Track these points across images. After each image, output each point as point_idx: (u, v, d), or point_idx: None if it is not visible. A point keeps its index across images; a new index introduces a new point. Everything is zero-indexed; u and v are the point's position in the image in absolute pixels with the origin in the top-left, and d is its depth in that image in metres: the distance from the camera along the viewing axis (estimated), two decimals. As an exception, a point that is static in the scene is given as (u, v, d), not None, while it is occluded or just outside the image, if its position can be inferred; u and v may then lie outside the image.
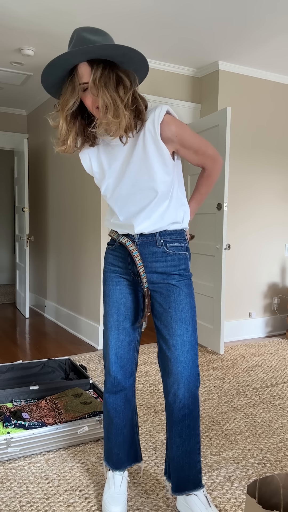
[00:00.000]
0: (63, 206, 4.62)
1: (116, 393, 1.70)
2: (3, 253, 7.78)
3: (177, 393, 1.58)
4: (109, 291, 1.69)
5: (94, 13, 2.99)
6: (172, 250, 1.60)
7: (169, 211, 1.58)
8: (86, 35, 1.41)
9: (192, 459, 1.62)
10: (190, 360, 1.58)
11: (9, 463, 2.04)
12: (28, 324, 4.81)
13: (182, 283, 1.60)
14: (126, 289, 1.67)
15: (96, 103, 1.42)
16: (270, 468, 2.04)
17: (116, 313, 1.67)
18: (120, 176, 1.57)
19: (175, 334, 1.58)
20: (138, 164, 1.52)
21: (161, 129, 1.48)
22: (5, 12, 2.99)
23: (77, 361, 3.46)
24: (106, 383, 1.72)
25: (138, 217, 1.57)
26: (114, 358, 1.68)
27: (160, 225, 1.57)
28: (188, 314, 1.59)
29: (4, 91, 4.79)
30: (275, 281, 4.40)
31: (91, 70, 1.39)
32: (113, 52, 1.37)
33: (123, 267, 1.66)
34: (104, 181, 1.61)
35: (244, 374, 3.26)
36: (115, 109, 1.39)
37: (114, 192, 1.60)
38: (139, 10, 2.95)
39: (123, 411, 1.72)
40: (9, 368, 2.85)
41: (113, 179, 1.59)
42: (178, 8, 2.92)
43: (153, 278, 1.61)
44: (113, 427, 1.73)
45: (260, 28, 3.19)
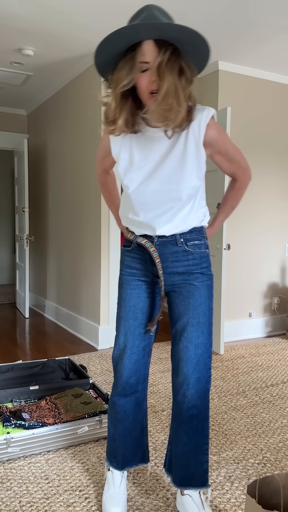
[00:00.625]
0: (63, 206, 4.62)
1: (126, 396, 1.67)
2: (3, 253, 7.78)
3: (186, 393, 1.58)
4: (126, 295, 1.63)
5: (94, 13, 2.99)
6: (193, 248, 1.57)
7: (191, 215, 1.54)
8: (157, 14, 1.32)
9: (198, 458, 1.63)
10: (203, 362, 1.57)
11: (9, 463, 2.04)
12: (28, 324, 4.81)
13: (203, 285, 1.57)
14: (143, 292, 1.62)
15: (151, 86, 1.34)
16: (270, 468, 2.04)
17: (132, 318, 1.62)
18: (151, 172, 1.49)
19: (190, 337, 1.56)
20: (174, 163, 1.47)
21: (204, 132, 1.46)
22: (5, 12, 2.99)
23: (77, 361, 3.46)
24: (116, 386, 1.68)
25: (160, 218, 1.52)
26: (128, 364, 1.63)
27: (181, 229, 1.54)
28: (205, 317, 1.58)
29: (4, 91, 4.79)
30: (275, 281, 4.40)
31: (159, 51, 1.30)
32: (185, 36, 1.27)
33: (141, 269, 1.61)
34: (130, 172, 1.52)
35: (244, 374, 3.26)
36: (177, 97, 1.31)
37: (140, 186, 1.51)
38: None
39: (133, 414, 1.69)
40: (9, 368, 2.85)
41: (142, 173, 1.50)
42: (178, 8, 2.92)
43: (174, 279, 1.57)
44: (122, 428, 1.70)
45: (260, 28, 3.19)
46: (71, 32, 3.29)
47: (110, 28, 3.22)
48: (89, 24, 3.17)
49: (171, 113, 1.33)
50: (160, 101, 1.31)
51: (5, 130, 5.52)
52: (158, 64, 1.30)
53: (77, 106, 4.17)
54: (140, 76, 1.34)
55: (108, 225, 3.81)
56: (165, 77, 1.30)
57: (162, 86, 1.30)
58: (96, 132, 3.80)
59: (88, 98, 3.92)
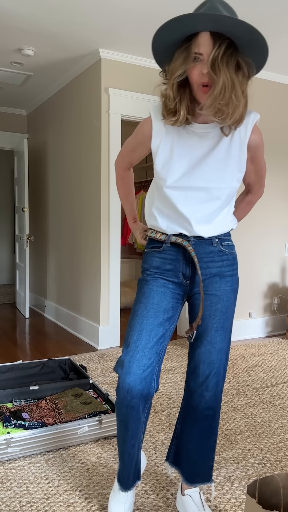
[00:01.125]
0: (63, 206, 4.62)
1: (127, 407, 1.48)
2: (3, 253, 7.78)
3: (204, 394, 1.58)
4: (150, 291, 1.51)
5: (94, 13, 2.99)
6: (227, 249, 1.55)
7: (228, 216, 1.53)
8: (219, 7, 1.29)
9: (207, 456, 1.64)
10: (222, 366, 1.58)
11: (9, 463, 2.04)
12: (28, 324, 4.81)
13: (233, 289, 1.56)
14: (169, 292, 1.53)
15: (202, 79, 1.32)
16: (270, 468, 2.04)
17: (152, 316, 1.49)
18: (191, 168, 1.45)
19: (214, 341, 1.55)
20: (217, 162, 1.45)
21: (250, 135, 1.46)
22: (5, 12, 2.99)
23: (77, 361, 3.46)
24: (119, 391, 1.49)
25: (198, 217, 1.48)
26: (136, 369, 1.45)
27: (220, 231, 1.52)
28: (229, 322, 1.57)
29: (4, 91, 4.79)
30: (275, 281, 4.40)
31: (214, 44, 1.28)
32: (242, 31, 1.25)
33: (172, 270, 1.53)
34: (169, 166, 1.47)
35: (244, 374, 3.26)
36: (235, 91, 1.30)
37: (177, 181, 1.46)
38: (139, 10, 2.95)
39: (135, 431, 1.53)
40: (9, 368, 2.85)
41: (182, 168, 1.46)
42: (178, 8, 2.92)
43: (205, 280, 1.54)
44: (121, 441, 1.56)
45: (261, 28, 3.19)
46: (71, 32, 3.29)
47: (110, 28, 3.22)
48: (89, 24, 3.17)
49: (229, 107, 1.31)
50: (217, 95, 1.29)
51: (5, 130, 5.52)
52: (213, 57, 1.28)
53: (77, 106, 4.17)
54: (192, 66, 1.32)
55: (108, 225, 3.81)
56: (220, 71, 1.28)
57: (218, 80, 1.28)
58: (96, 132, 3.80)
59: (88, 98, 3.92)
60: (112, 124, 3.71)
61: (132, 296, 5.75)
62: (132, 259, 6.57)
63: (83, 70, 3.98)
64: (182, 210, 1.48)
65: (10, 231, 7.81)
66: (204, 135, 1.45)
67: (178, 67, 1.33)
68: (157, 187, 1.53)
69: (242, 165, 1.48)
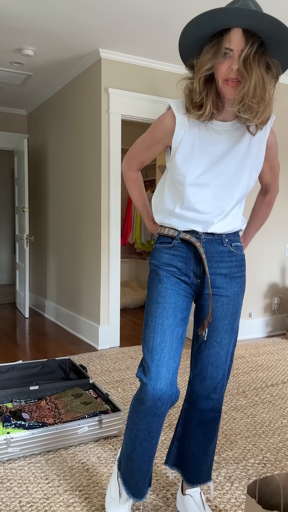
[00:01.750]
0: (63, 206, 4.62)
1: (155, 415, 1.43)
2: (3, 253, 7.78)
3: (211, 396, 1.57)
4: (166, 290, 1.48)
5: (95, 13, 2.99)
6: (236, 250, 1.55)
7: (238, 215, 1.55)
8: (251, 5, 1.29)
9: (209, 456, 1.65)
10: (228, 368, 1.58)
11: (9, 463, 2.04)
12: (28, 324, 4.81)
13: (241, 290, 1.56)
14: (183, 291, 1.51)
15: (229, 74, 1.31)
16: (270, 468, 2.04)
17: (172, 316, 1.45)
18: (211, 165, 1.45)
19: (223, 343, 1.54)
20: (236, 160, 1.45)
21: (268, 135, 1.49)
22: (5, 12, 2.99)
23: (77, 361, 3.46)
24: (145, 401, 1.42)
25: (214, 214, 1.48)
26: (166, 373, 1.40)
27: (231, 228, 1.53)
28: (238, 323, 1.57)
29: (4, 91, 4.79)
30: (275, 281, 4.40)
31: (246, 42, 1.27)
32: (274, 29, 1.24)
33: (182, 268, 1.51)
34: (190, 162, 1.45)
35: (244, 374, 3.26)
36: (266, 90, 1.30)
37: (198, 178, 1.45)
38: (139, 9, 2.95)
39: (155, 436, 1.47)
40: (9, 368, 2.85)
41: (203, 164, 1.45)
42: (178, 8, 2.92)
43: (216, 281, 1.52)
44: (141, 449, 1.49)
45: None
46: (71, 32, 3.29)
47: (110, 28, 3.22)
48: (89, 24, 3.17)
49: (260, 105, 1.31)
50: (247, 93, 1.29)
51: (5, 130, 5.52)
52: (246, 55, 1.28)
53: (77, 106, 4.17)
54: (221, 61, 1.31)
55: (108, 225, 3.81)
56: (252, 69, 1.28)
57: (250, 79, 1.28)
58: (96, 132, 3.80)
59: (88, 98, 3.92)
60: (112, 124, 3.71)
61: (132, 296, 5.74)
62: (132, 259, 6.56)
63: (83, 70, 3.98)
64: (198, 207, 1.47)
65: (10, 231, 7.81)
66: (223, 133, 1.44)
67: (208, 61, 1.32)
68: (173, 183, 1.50)
69: (260, 165, 1.50)
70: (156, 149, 1.55)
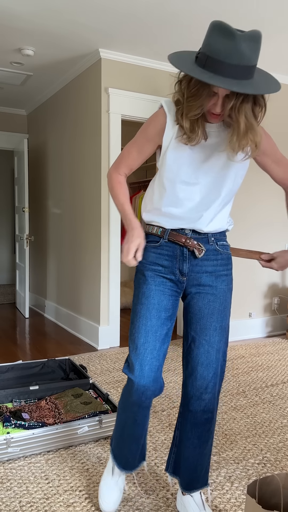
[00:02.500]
0: (63, 206, 4.62)
1: (140, 407, 1.57)
2: (3, 253, 7.78)
3: (203, 397, 1.56)
4: (150, 291, 1.53)
5: (94, 13, 2.99)
6: (222, 249, 1.57)
7: (225, 214, 1.57)
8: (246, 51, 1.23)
9: (205, 460, 1.64)
10: (220, 367, 1.57)
11: (9, 463, 2.04)
12: (28, 324, 4.81)
13: (229, 288, 1.58)
14: (168, 290, 1.54)
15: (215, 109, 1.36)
16: (270, 468, 2.04)
17: (155, 317, 1.52)
18: (201, 164, 1.48)
19: (212, 341, 1.54)
20: (223, 160, 1.48)
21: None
22: (5, 12, 2.99)
23: (77, 361, 3.46)
24: (131, 394, 1.55)
25: (201, 214, 1.51)
26: (148, 371, 1.51)
27: (218, 227, 1.55)
28: (227, 321, 1.58)
29: (4, 91, 4.79)
30: (275, 281, 4.40)
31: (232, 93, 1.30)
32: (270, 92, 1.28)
33: (168, 266, 1.54)
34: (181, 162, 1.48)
35: (244, 374, 3.26)
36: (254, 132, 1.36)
37: (188, 176, 1.49)
38: (139, 10, 2.95)
39: (142, 424, 1.62)
40: (9, 368, 2.85)
41: (194, 164, 1.48)
42: (178, 8, 2.92)
43: (202, 279, 1.55)
44: (129, 433, 1.64)
45: (261, 27, 3.19)
46: (71, 32, 3.29)
47: (110, 28, 3.22)
48: (89, 24, 3.17)
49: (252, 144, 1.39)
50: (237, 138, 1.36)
51: (5, 130, 5.52)
52: (232, 105, 1.32)
53: (77, 106, 4.17)
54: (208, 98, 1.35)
55: (108, 225, 3.81)
56: (239, 116, 1.33)
57: (237, 125, 1.34)
58: (96, 132, 3.80)
59: (88, 98, 3.92)
60: (112, 124, 3.71)
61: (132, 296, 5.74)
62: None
63: (83, 70, 3.98)
64: (187, 205, 1.51)
65: (10, 231, 7.81)
66: (212, 133, 1.47)
67: (197, 108, 1.35)
68: (163, 182, 1.52)
69: (245, 164, 1.52)
70: (147, 149, 1.56)
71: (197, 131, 1.40)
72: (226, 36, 1.23)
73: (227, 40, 1.23)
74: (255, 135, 1.36)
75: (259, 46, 1.26)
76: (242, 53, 1.23)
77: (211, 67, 1.25)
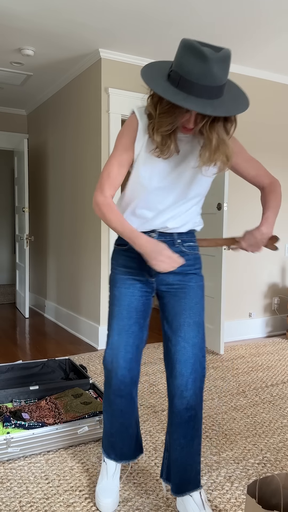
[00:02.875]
0: (63, 206, 4.62)
1: (122, 396, 1.68)
2: (3, 253, 7.78)
3: (184, 394, 1.57)
4: (120, 294, 1.63)
5: (94, 13, 2.99)
6: (189, 250, 1.60)
7: (194, 215, 1.60)
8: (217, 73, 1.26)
9: (194, 460, 1.63)
10: (199, 362, 1.58)
11: (9, 463, 2.04)
12: (28, 324, 4.81)
13: (198, 285, 1.60)
14: (138, 291, 1.63)
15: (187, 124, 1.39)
16: (270, 468, 2.04)
17: (126, 317, 1.62)
18: (172, 168, 1.51)
19: (187, 337, 1.57)
20: (192, 162, 1.51)
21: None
22: (5, 12, 2.99)
23: (77, 361, 3.46)
24: (110, 385, 1.68)
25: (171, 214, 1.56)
26: (123, 363, 1.63)
27: (187, 228, 1.59)
28: (201, 317, 1.60)
29: (4, 91, 4.79)
30: (275, 281, 4.40)
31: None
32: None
33: (137, 268, 1.62)
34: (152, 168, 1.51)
35: (244, 374, 3.26)
36: (225, 149, 1.39)
37: (160, 182, 1.52)
38: (139, 9, 2.95)
39: (129, 412, 1.71)
40: (9, 368, 2.85)
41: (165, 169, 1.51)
42: (178, 8, 2.92)
43: (169, 279, 1.60)
44: (118, 425, 1.72)
45: (261, 28, 3.19)
46: (71, 32, 3.29)
47: (110, 28, 3.22)
48: (89, 24, 3.17)
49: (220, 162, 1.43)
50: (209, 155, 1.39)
51: (5, 130, 5.52)
52: (203, 124, 1.36)
53: (77, 106, 4.17)
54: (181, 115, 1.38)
55: (108, 225, 3.80)
56: (211, 133, 1.36)
57: (209, 142, 1.37)
58: (96, 132, 3.80)
59: (88, 98, 3.92)
60: (112, 124, 3.71)
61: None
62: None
63: (83, 70, 3.98)
64: (159, 207, 1.55)
65: (10, 231, 7.81)
66: (183, 137, 1.50)
67: (168, 124, 1.37)
68: (136, 186, 1.55)
69: (213, 168, 1.53)
70: (127, 159, 1.53)
71: (169, 145, 1.42)
72: (198, 58, 1.26)
73: (199, 62, 1.26)
74: (226, 149, 1.40)
75: (229, 65, 1.31)
76: (214, 75, 1.26)
77: (185, 88, 1.28)
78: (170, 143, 1.43)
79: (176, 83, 1.30)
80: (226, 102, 1.32)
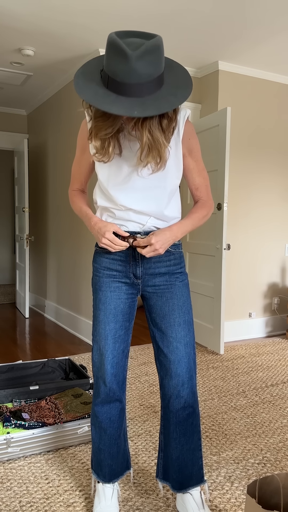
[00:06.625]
0: (63, 206, 4.62)
1: (110, 403, 1.63)
2: (3, 253, 7.78)
3: (181, 393, 1.57)
4: (105, 298, 1.58)
5: (94, 13, 2.99)
6: (174, 249, 1.59)
7: (173, 211, 1.55)
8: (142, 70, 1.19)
9: (195, 455, 1.64)
10: (192, 360, 1.59)
11: (9, 463, 2.04)
12: (28, 324, 4.81)
13: (184, 284, 1.60)
14: (123, 294, 1.58)
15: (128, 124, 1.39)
16: (270, 468, 2.04)
17: (113, 321, 1.58)
18: (132, 166, 1.46)
19: (179, 337, 1.56)
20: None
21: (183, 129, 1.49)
22: (5, 12, 2.99)
23: (77, 361, 3.47)
24: (99, 393, 1.63)
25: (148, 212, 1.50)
26: (110, 368, 1.59)
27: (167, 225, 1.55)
28: (190, 315, 1.60)
29: (4, 91, 4.79)
30: (275, 281, 4.40)
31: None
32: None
33: (122, 271, 1.56)
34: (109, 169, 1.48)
35: (244, 374, 3.26)
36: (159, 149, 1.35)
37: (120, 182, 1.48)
38: (139, 10, 2.95)
39: (118, 421, 1.66)
40: (9, 368, 2.85)
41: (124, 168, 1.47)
42: (178, 8, 2.92)
43: (156, 280, 1.57)
44: (106, 438, 1.65)
45: (260, 27, 3.19)
46: (71, 32, 3.29)
47: (110, 29, 3.22)
48: (89, 25, 3.17)
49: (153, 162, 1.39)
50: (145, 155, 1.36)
51: (5, 130, 5.52)
52: (134, 123, 1.33)
53: (77, 106, 4.17)
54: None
55: (108, 225, 3.80)
56: (143, 132, 1.32)
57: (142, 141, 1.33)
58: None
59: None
60: (112, 124, 3.70)
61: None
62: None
63: (83, 70, 3.97)
64: (132, 207, 1.49)
65: (10, 231, 7.81)
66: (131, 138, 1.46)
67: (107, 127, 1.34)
68: (102, 190, 1.54)
69: (180, 162, 1.51)
70: (85, 159, 1.59)
71: (107, 148, 1.39)
72: (119, 56, 1.19)
73: (120, 61, 1.19)
74: (160, 148, 1.35)
75: (159, 56, 1.21)
76: (138, 73, 1.19)
77: (114, 88, 1.23)
78: (108, 147, 1.38)
79: (106, 84, 1.24)
80: (161, 97, 1.23)
